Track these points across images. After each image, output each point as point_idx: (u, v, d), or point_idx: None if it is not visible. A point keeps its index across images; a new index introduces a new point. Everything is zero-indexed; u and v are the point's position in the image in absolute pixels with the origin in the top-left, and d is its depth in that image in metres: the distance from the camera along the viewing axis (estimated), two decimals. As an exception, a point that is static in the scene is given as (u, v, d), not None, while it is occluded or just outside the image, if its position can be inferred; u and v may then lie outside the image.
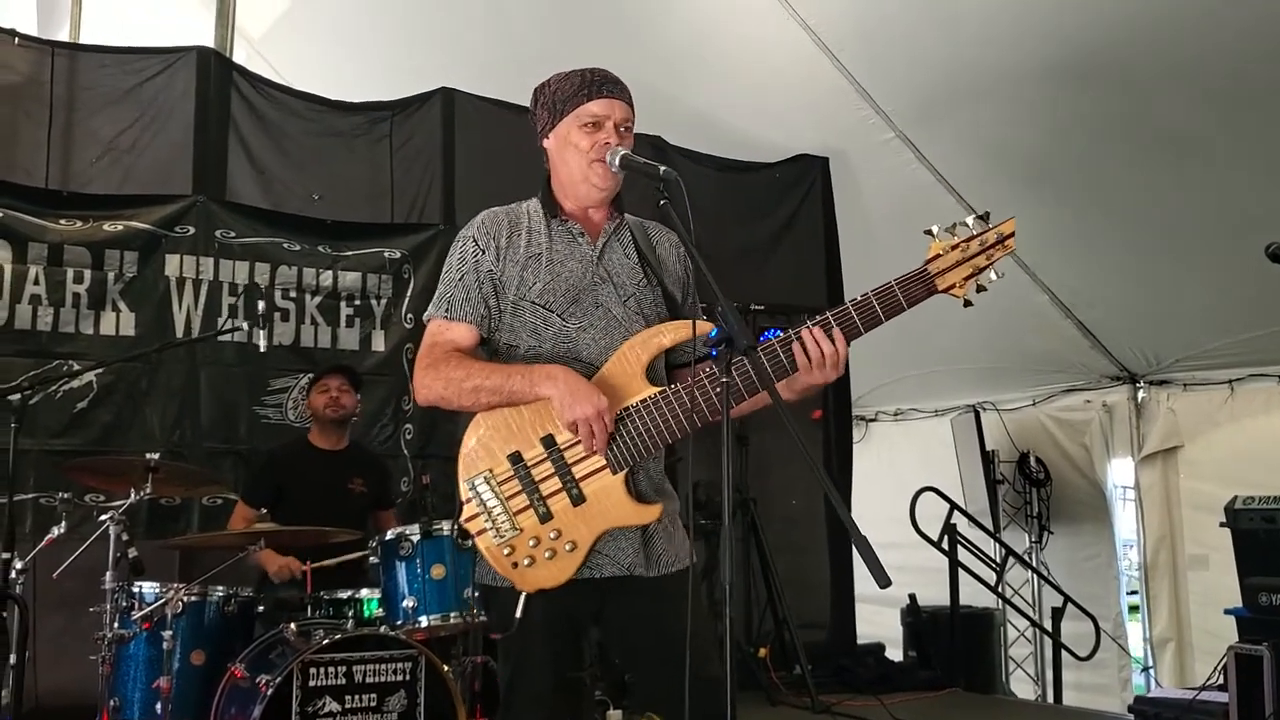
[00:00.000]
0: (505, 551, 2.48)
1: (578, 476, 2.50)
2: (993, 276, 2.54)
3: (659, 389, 2.52)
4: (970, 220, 2.54)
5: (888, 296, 2.49)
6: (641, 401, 2.51)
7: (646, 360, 2.54)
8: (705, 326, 2.51)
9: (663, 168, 2.42)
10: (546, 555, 2.48)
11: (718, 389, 2.44)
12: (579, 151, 2.61)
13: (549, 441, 2.51)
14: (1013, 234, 2.54)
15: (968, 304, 2.54)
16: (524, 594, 2.48)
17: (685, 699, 2.25)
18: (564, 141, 2.64)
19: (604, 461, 2.50)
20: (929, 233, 2.54)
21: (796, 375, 2.48)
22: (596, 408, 2.42)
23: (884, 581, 1.89)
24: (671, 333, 2.58)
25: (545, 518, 2.49)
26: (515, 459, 2.51)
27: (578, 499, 2.49)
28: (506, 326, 2.63)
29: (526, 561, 2.48)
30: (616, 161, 2.55)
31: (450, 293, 2.64)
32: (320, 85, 6.59)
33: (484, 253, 2.63)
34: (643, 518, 2.53)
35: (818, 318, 2.47)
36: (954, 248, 2.52)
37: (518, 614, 2.47)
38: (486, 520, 2.50)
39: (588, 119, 2.60)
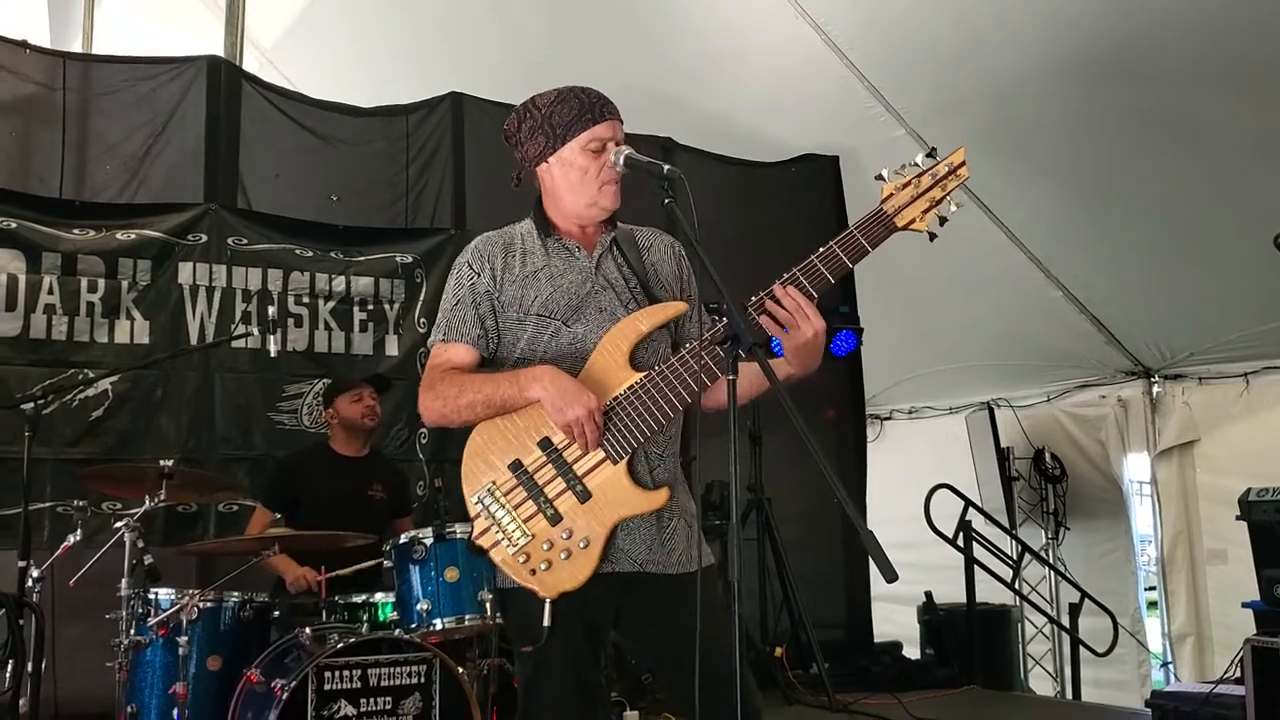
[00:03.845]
0: (521, 559, 2.50)
1: (580, 473, 2.52)
2: (952, 208, 2.58)
3: (643, 374, 2.54)
4: (919, 158, 2.59)
5: (849, 242, 2.53)
6: (629, 389, 2.54)
7: (627, 349, 2.57)
8: (680, 307, 2.62)
9: (666, 166, 2.46)
10: (563, 556, 2.50)
11: (700, 363, 2.47)
12: (587, 176, 2.64)
13: (546, 444, 2.54)
14: (964, 163, 2.58)
15: (932, 237, 2.57)
16: (548, 601, 2.49)
17: (695, 700, 2.25)
18: (568, 165, 2.66)
19: (604, 454, 2.52)
20: (880, 177, 2.58)
21: (783, 343, 2.50)
22: (587, 407, 2.45)
23: (891, 576, 1.88)
24: (648, 318, 2.61)
25: (555, 520, 2.51)
26: (516, 467, 2.54)
27: (583, 495, 2.52)
28: (511, 342, 2.67)
29: (544, 566, 2.49)
30: (620, 161, 2.58)
31: (447, 318, 2.70)
32: (331, 93, 6.61)
33: (479, 275, 2.68)
34: (651, 503, 2.54)
35: (785, 275, 2.50)
36: (905, 185, 2.57)
37: (545, 622, 2.48)
38: (498, 532, 2.52)
39: (595, 143, 2.63)
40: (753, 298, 2.48)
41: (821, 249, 2.52)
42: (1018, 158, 6.64)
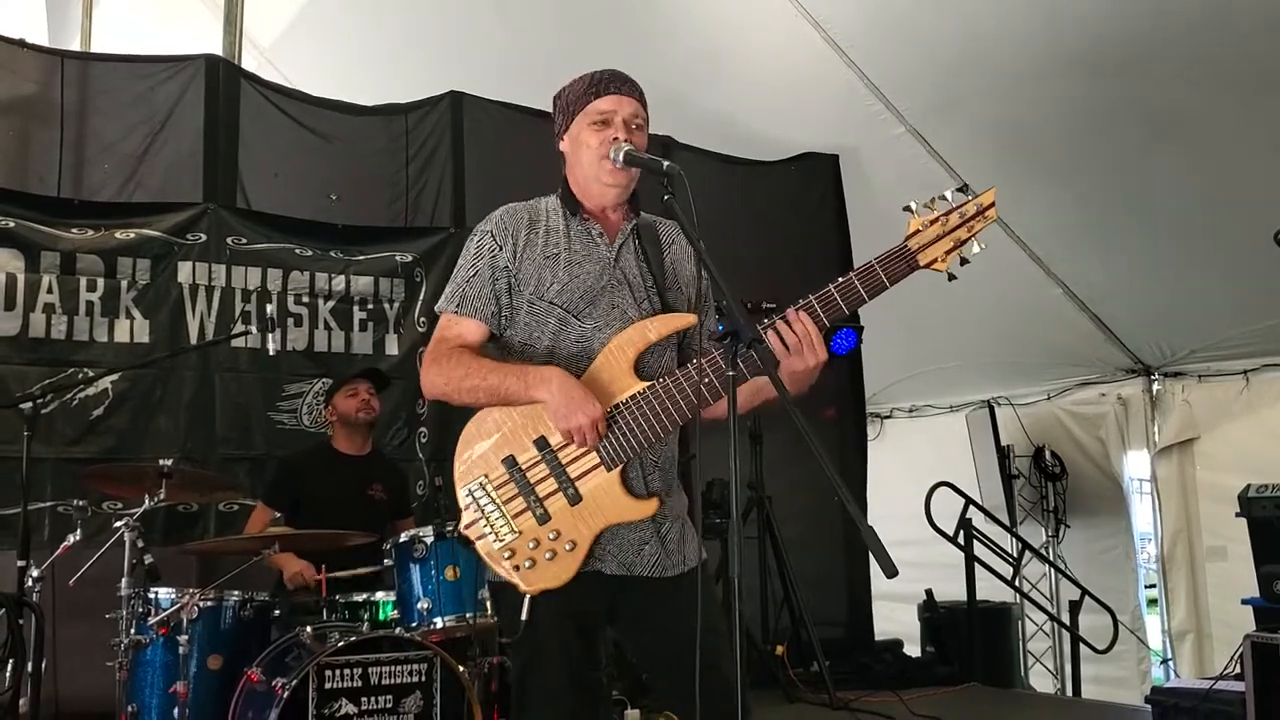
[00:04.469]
0: (505, 555, 2.51)
1: (573, 476, 2.52)
2: (975, 249, 2.52)
3: (646, 384, 2.53)
4: (949, 193, 2.52)
5: (869, 276, 2.49)
6: (630, 398, 2.53)
7: (634, 355, 2.56)
8: (690, 319, 2.59)
9: (665, 162, 2.45)
10: (547, 556, 2.50)
11: (705, 380, 2.46)
12: (590, 149, 2.64)
13: (542, 443, 2.53)
14: (993, 204, 2.52)
15: (951, 278, 2.52)
16: (528, 596, 2.50)
17: (696, 698, 2.25)
18: (576, 141, 2.68)
19: (598, 460, 2.51)
20: (908, 208, 2.52)
21: (781, 365, 2.47)
22: (591, 417, 2.45)
23: (891, 571, 1.87)
24: (658, 327, 2.59)
25: (543, 519, 2.51)
26: (510, 463, 2.53)
27: (574, 498, 2.52)
28: (523, 324, 2.65)
29: (527, 564, 2.50)
30: (620, 157, 2.57)
31: (462, 288, 2.66)
32: (331, 93, 6.60)
33: (501, 249, 2.65)
34: (641, 512, 2.54)
35: (801, 302, 2.47)
36: (933, 222, 2.50)
37: (523, 616, 2.49)
38: (485, 526, 2.53)
39: (596, 116, 2.64)
40: (765, 319, 2.46)
41: (840, 279, 2.49)
42: (1018, 156, 6.64)
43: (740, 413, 2.55)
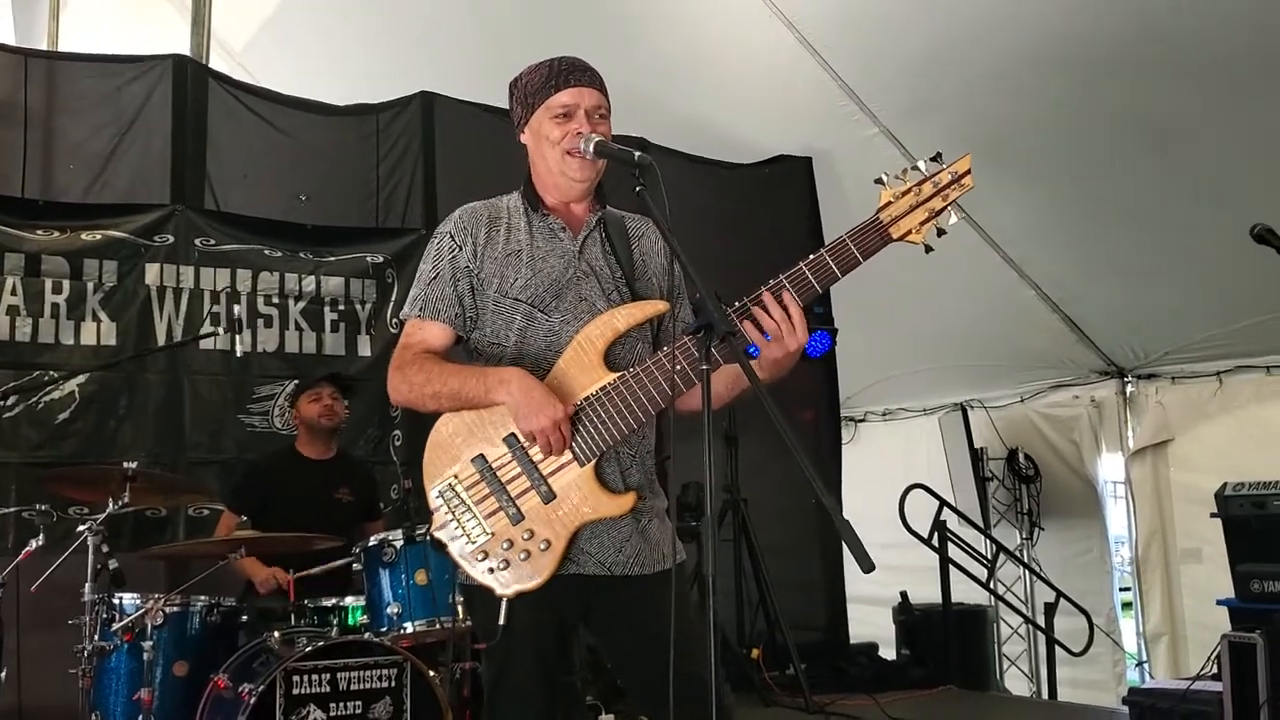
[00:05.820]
0: (479, 557, 2.44)
1: (545, 473, 2.46)
2: (952, 219, 2.46)
3: (617, 374, 2.47)
4: (923, 163, 2.46)
5: (841, 251, 2.42)
6: (601, 389, 2.46)
7: (603, 346, 2.49)
8: (660, 306, 2.53)
9: (638, 153, 2.37)
10: (521, 556, 2.43)
11: (678, 368, 2.39)
12: (552, 144, 2.58)
13: (512, 440, 2.47)
14: (969, 171, 2.46)
15: (928, 249, 2.45)
16: (505, 599, 2.43)
17: (670, 699, 2.21)
18: (538, 135, 2.61)
19: (570, 455, 2.45)
20: (879, 181, 2.46)
21: (762, 352, 2.42)
22: (552, 418, 2.38)
23: (867, 565, 1.83)
24: (626, 316, 2.53)
25: (517, 518, 2.45)
26: (480, 461, 2.47)
27: (547, 496, 2.45)
28: (489, 323, 2.59)
29: (501, 565, 2.44)
30: (590, 148, 2.51)
31: (424, 292, 2.61)
32: (302, 94, 6.54)
33: (461, 249, 2.59)
34: (618, 508, 2.48)
35: (771, 282, 2.41)
36: (905, 193, 2.44)
37: (500, 620, 2.43)
38: (457, 527, 2.46)
39: (558, 110, 2.57)
40: (737, 303, 2.40)
41: (812, 256, 2.42)
42: (991, 158, 6.61)
43: (721, 403, 2.50)
